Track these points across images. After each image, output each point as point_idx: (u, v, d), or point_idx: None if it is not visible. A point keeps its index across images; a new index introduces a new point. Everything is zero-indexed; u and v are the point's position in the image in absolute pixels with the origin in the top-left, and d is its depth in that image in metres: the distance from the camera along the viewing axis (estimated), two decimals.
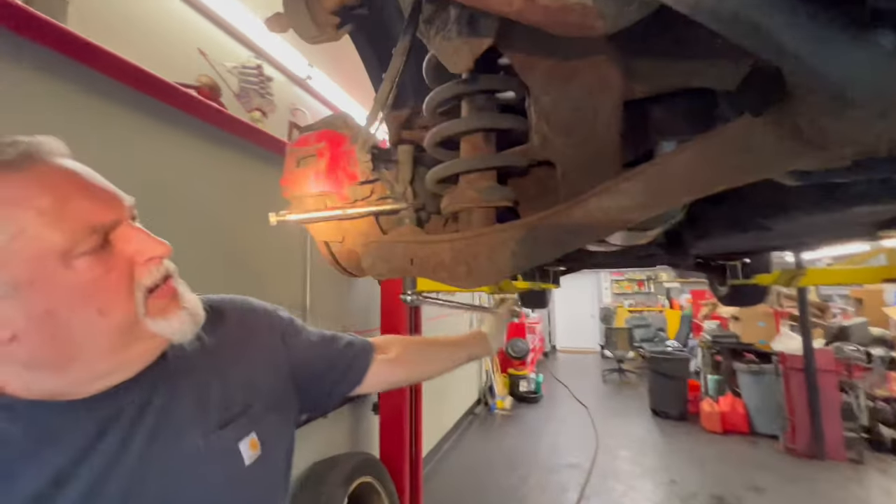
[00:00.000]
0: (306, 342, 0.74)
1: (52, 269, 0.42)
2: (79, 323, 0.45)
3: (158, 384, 0.54)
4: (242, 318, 0.69)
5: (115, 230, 0.48)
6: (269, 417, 0.63)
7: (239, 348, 0.65)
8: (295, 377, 0.70)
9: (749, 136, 0.45)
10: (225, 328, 0.65)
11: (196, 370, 0.59)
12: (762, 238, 1.29)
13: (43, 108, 1.17)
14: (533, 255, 0.57)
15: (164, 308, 0.51)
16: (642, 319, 8.82)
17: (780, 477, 3.56)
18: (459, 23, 0.47)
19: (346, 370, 0.77)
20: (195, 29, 1.79)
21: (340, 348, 0.78)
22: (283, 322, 0.74)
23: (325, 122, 0.72)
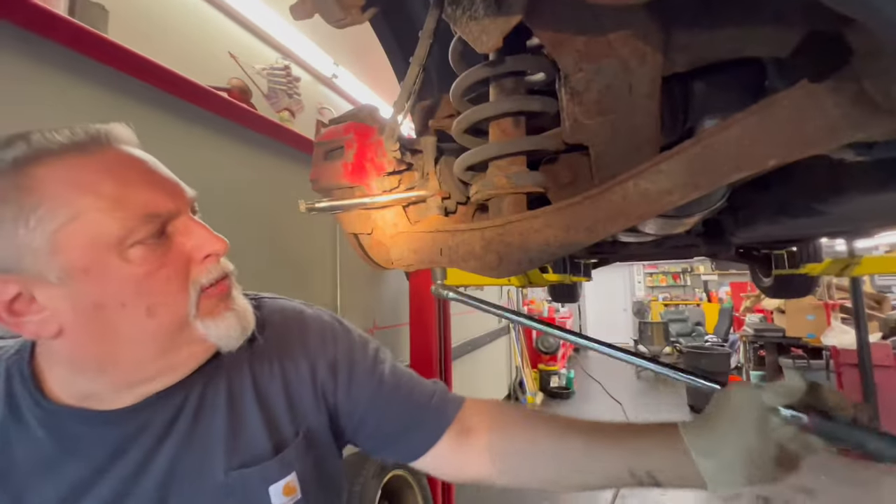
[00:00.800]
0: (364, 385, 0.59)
1: (107, 259, 0.40)
2: (127, 321, 0.42)
3: (191, 398, 0.50)
4: (290, 331, 0.59)
5: (175, 221, 0.46)
6: (317, 453, 0.55)
7: (284, 366, 0.56)
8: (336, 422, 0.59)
9: (807, 104, 0.41)
10: (269, 340, 0.57)
11: (235, 387, 0.52)
12: (813, 224, 1.21)
13: (91, 115, 1.23)
14: (567, 242, 0.55)
15: (213, 308, 0.48)
16: (678, 313, 8.52)
17: (832, 479, 3.35)
18: (486, 1, 0.46)
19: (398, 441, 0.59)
20: (226, 33, 1.84)
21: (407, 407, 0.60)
22: (340, 345, 0.60)
23: (352, 115, 0.72)
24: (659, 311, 9.04)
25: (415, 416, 0.59)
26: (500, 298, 5.67)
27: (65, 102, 1.17)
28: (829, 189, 0.84)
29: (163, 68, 1.32)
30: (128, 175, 0.43)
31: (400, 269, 0.73)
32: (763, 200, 1.07)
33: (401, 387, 0.61)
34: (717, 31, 0.48)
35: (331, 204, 0.64)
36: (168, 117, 1.45)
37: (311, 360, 0.57)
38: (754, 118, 0.44)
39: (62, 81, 1.17)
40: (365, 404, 0.58)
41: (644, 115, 0.54)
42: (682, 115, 0.64)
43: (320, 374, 0.57)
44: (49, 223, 0.39)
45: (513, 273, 0.58)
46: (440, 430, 0.59)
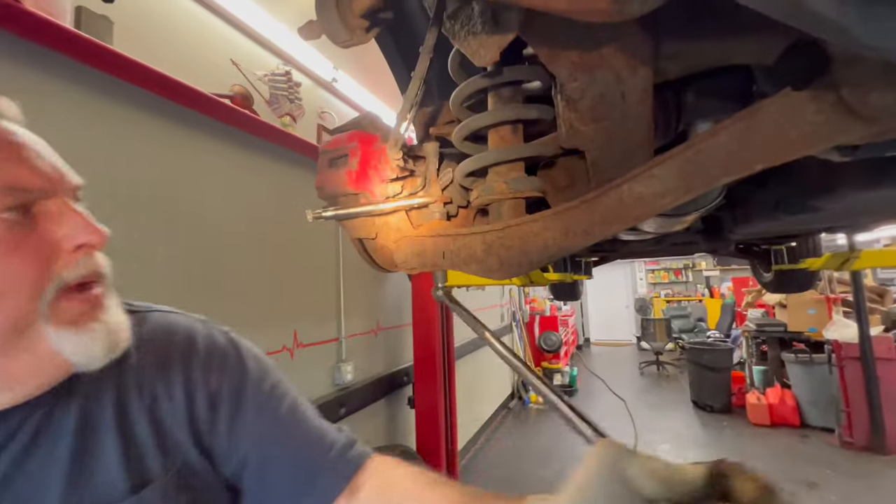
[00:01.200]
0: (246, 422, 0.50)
1: None
2: None
3: (28, 422, 0.41)
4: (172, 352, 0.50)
5: (45, 203, 0.40)
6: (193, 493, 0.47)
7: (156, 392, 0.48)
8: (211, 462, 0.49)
9: (790, 111, 0.43)
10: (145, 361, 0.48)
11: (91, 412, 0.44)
12: (811, 220, 1.23)
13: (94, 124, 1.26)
14: (566, 244, 0.57)
15: (76, 317, 0.40)
16: (681, 309, 8.53)
17: (836, 472, 3.36)
18: (484, 17, 0.48)
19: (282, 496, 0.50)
20: (228, 41, 1.87)
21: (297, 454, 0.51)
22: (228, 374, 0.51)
23: (355, 123, 0.74)
24: (661, 308, 9.04)
25: (305, 472, 0.50)
26: (502, 298, 5.69)
27: (72, 113, 1.19)
28: (822, 187, 0.87)
29: (167, 77, 1.35)
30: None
31: (403, 272, 0.75)
32: (760, 197, 1.09)
33: (294, 434, 0.52)
34: (705, 41, 0.50)
35: (336, 213, 0.66)
36: (172, 125, 1.47)
37: (189, 389, 0.49)
38: (741, 124, 0.46)
39: (73, 94, 1.19)
40: (248, 447, 0.49)
41: (637, 120, 0.56)
42: (675, 118, 0.66)
43: (198, 406, 0.49)
44: None
45: (513, 275, 0.60)
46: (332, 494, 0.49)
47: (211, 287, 1.53)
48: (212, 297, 1.53)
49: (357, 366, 2.30)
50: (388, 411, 2.69)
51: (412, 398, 2.76)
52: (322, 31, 0.51)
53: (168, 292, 1.38)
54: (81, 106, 1.21)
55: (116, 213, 1.26)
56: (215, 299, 1.54)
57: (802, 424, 4.30)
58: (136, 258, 1.30)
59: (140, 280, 1.30)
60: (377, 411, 2.57)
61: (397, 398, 2.78)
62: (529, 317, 6.77)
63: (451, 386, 2.86)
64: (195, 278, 1.47)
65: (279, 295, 1.87)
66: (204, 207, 1.54)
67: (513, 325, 5.90)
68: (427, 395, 2.70)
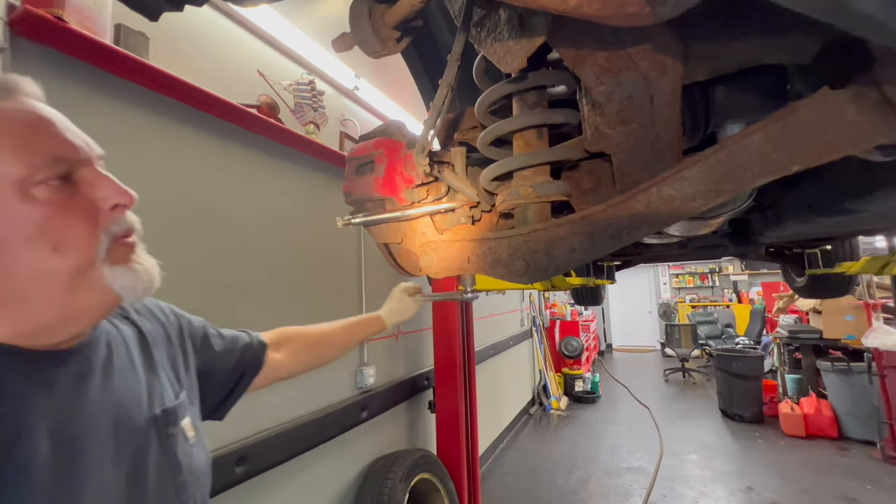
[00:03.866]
0: (210, 347, 0.75)
1: (10, 195, 0.41)
2: (30, 257, 0.42)
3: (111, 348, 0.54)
4: (155, 312, 0.69)
5: (81, 170, 0.46)
6: (192, 410, 0.65)
7: (161, 339, 0.66)
8: (199, 379, 0.71)
9: (829, 111, 0.42)
10: (146, 318, 0.66)
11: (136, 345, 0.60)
12: (847, 222, 1.18)
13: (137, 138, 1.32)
14: (592, 248, 0.57)
15: (123, 257, 0.48)
16: (707, 315, 8.27)
17: (878, 487, 3.19)
18: (510, 24, 0.48)
19: (242, 375, 0.79)
20: (255, 52, 1.93)
21: (239, 351, 0.79)
22: (190, 324, 0.74)
23: (381, 131, 0.75)
24: (686, 313, 8.79)
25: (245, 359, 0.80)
26: (522, 302, 5.64)
27: (114, 126, 1.26)
28: (859, 187, 0.83)
29: (200, 89, 1.40)
30: (35, 121, 0.45)
31: (429, 275, 0.76)
32: (792, 199, 1.05)
33: (235, 341, 0.80)
34: (737, 41, 0.49)
35: (365, 219, 0.68)
36: (204, 134, 1.53)
37: (176, 337, 0.69)
38: (776, 125, 0.45)
39: (117, 106, 1.26)
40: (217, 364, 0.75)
41: (665, 123, 0.55)
42: (704, 120, 0.65)
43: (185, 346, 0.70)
44: None
45: (539, 279, 0.60)
46: (262, 361, 0.82)
47: (237, 290, 1.58)
48: (238, 299, 1.57)
49: (378, 369, 2.32)
50: (408, 415, 2.70)
51: (433, 402, 2.76)
52: (355, 42, 0.53)
53: (195, 294, 1.42)
54: (123, 118, 1.28)
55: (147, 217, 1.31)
56: (242, 302, 1.59)
57: (840, 436, 4.10)
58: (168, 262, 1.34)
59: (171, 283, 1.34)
60: (398, 415, 2.58)
61: (418, 402, 2.78)
62: (550, 322, 6.69)
63: (471, 390, 2.85)
64: (221, 281, 1.52)
65: (303, 298, 1.90)
66: (232, 213, 1.59)
67: (533, 330, 5.84)
68: (447, 399, 2.70)
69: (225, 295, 1.52)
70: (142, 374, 0.58)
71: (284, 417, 1.71)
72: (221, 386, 0.77)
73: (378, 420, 2.31)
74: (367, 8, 0.53)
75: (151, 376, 0.59)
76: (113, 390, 0.52)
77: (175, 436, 0.57)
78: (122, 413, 0.52)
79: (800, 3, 0.24)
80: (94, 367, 0.51)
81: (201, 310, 1.25)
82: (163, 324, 0.68)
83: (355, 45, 0.53)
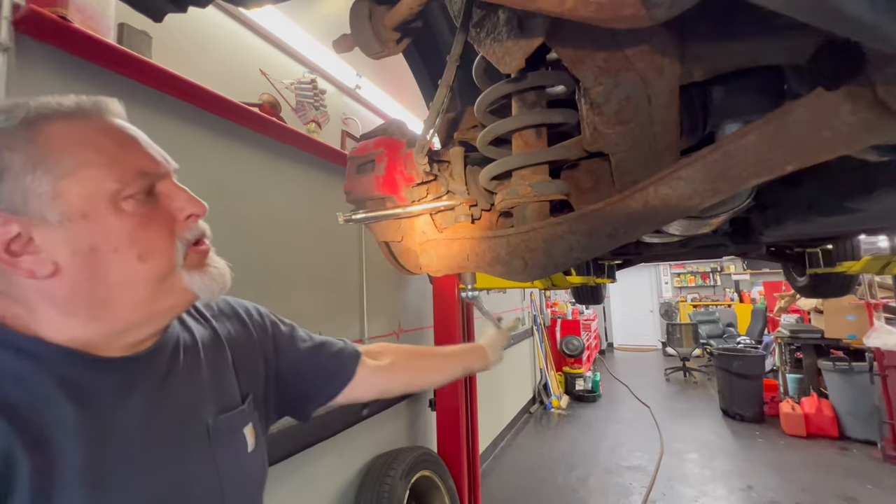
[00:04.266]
0: (296, 349, 0.76)
1: (103, 207, 0.45)
2: (118, 265, 0.46)
3: (177, 351, 0.57)
4: (239, 314, 0.72)
5: (161, 183, 0.51)
6: (258, 413, 0.66)
7: (239, 340, 0.67)
8: (279, 380, 0.72)
9: (824, 111, 0.43)
10: (227, 319, 0.69)
11: (207, 348, 0.61)
12: (848, 221, 1.18)
13: None
14: (590, 247, 0.57)
15: (199, 263, 0.53)
16: (708, 314, 8.26)
17: (878, 487, 3.19)
18: (509, 25, 0.49)
19: (331, 378, 0.78)
20: (257, 51, 1.94)
21: (329, 355, 0.78)
22: (275, 324, 0.76)
23: (382, 130, 0.76)
24: (688, 313, 8.79)
25: (335, 362, 0.79)
26: (523, 301, 5.65)
27: None
28: (859, 187, 0.83)
29: (202, 88, 1.41)
30: (124, 139, 0.49)
31: (429, 274, 0.77)
32: (793, 198, 1.06)
33: (325, 345, 0.79)
34: (733, 42, 0.50)
35: (366, 215, 0.68)
36: (207, 133, 1.54)
37: (258, 338, 0.71)
38: (772, 125, 0.46)
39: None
40: (300, 363, 0.75)
41: (663, 123, 0.56)
42: (702, 120, 0.65)
43: (266, 347, 0.71)
44: (54, 171, 0.44)
45: (538, 277, 0.60)
46: (355, 366, 0.80)
47: (240, 287, 1.58)
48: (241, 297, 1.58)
49: None
50: (409, 413, 2.71)
51: (433, 401, 2.77)
52: (355, 43, 0.53)
53: None
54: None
55: None
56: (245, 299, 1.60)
57: (841, 436, 4.10)
58: None
59: None
60: (399, 412, 2.59)
61: (419, 400, 2.79)
62: (551, 321, 6.69)
63: (472, 389, 2.86)
64: None
65: (305, 296, 1.91)
66: (233, 211, 1.60)
67: (534, 328, 5.85)
68: (448, 397, 2.71)
69: None
70: (206, 379, 0.59)
71: None
72: (306, 388, 0.76)
73: (379, 417, 2.32)
74: (367, 9, 0.53)
75: (218, 379, 0.61)
76: (168, 396, 0.53)
77: (231, 443, 0.58)
78: (173, 419, 0.53)
79: (787, 6, 0.24)
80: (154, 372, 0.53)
81: None
82: (245, 324, 0.70)
83: (356, 47, 0.53)
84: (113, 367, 0.49)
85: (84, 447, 0.44)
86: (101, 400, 0.47)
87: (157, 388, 0.52)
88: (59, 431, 0.43)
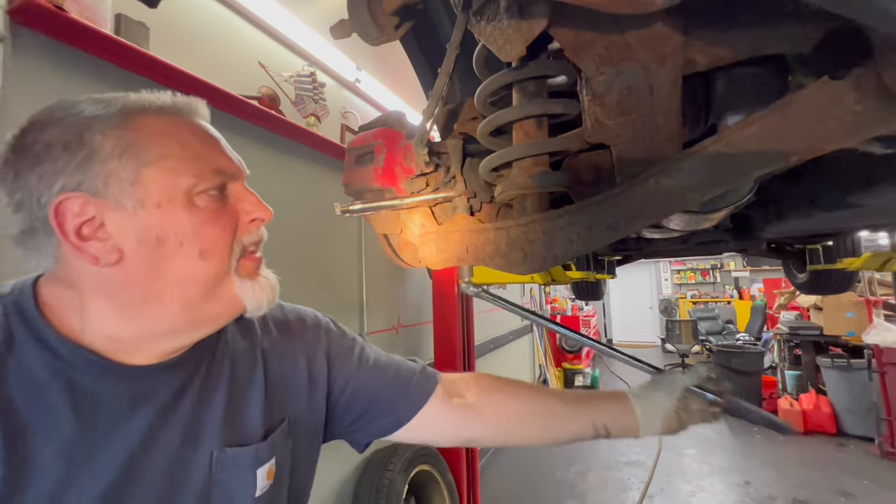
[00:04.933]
0: (353, 367, 0.66)
1: (178, 201, 0.45)
2: (180, 260, 0.45)
3: (200, 370, 0.52)
4: (290, 323, 0.65)
5: (233, 184, 0.51)
6: (292, 441, 0.59)
7: (283, 354, 0.61)
8: (330, 400, 0.64)
9: (829, 101, 0.42)
10: (275, 329, 0.63)
11: (239, 366, 0.56)
12: (849, 217, 1.17)
13: None
14: (590, 239, 0.57)
15: (251, 271, 0.52)
16: (708, 311, 8.27)
17: (875, 482, 3.20)
18: (510, 12, 0.48)
19: (391, 407, 0.66)
20: (256, 43, 1.92)
21: (391, 378, 0.67)
22: (334, 337, 0.68)
23: (381, 121, 0.75)
24: (687, 309, 8.80)
25: (401, 385, 0.67)
26: (523, 297, 5.65)
27: None
28: (861, 181, 0.83)
29: (200, 80, 1.40)
30: (207, 138, 0.50)
31: (428, 266, 0.76)
32: (794, 193, 1.05)
33: (387, 364, 0.69)
34: (737, 31, 0.49)
35: (364, 206, 0.68)
36: None
37: (308, 352, 0.64)
38: (775, 115, 0.45)
39: None
40: (357, 380, 0.66)
41: (665, 114, 0.55)
42: (705, 111, 0.64)
43: (317, 363, 0.64)
44: (140, 158, 0.44)
45: (538, 269, 0.60)
46: (426, 394, 0.67)
47: None
48: None
49: None
50: None
51: None
52: (353, 29, 0.52)
53: None
54: None
55: None
56: None
57: (839, 432, 4.11)
58: None
59: None
60: None
61: None
62: (550, 316, 6.70)
63: None
64: None
65: (304, 291, 1.91)
66: None
67: (533, 324, 5.86)
68: None
69: None
70: (223, 401, 0.53)
71: None
72: (360, 414, 0.66)
73: None
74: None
75: (238, 404, 0.54)
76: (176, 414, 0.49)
77: (232, 482, 0.51)
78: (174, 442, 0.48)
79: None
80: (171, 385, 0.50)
81: None
82: (293, 335, 0.64)
83: (354, 33, 0.53)
84: (132, 376, 0.47)
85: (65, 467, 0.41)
86: (107, 414, 0.44)
87: (170, 404, 0.49)
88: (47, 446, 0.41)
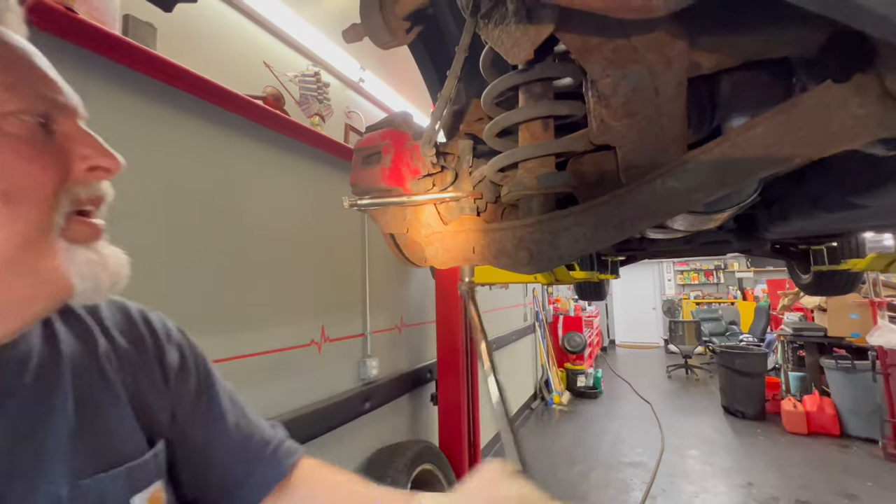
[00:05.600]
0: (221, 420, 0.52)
1: None
2: None
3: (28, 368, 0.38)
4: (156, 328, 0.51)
5: (64, 121, 0.38)
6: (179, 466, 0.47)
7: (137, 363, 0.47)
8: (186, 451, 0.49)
9: (832, 104, 0.43)
10: (125, 333, 0.48)
11: (86, 371, 0.42)
12: (853, 218, 1.17)
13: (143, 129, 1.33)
14: (596, 239, 0.57)
15: (88, 237, 0.38)
16: (711, 312, 8.25)
17: (878, 484, 3.19)
18: (518, 15, 0.49)
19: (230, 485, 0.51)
20: (260, 44, 1.94)
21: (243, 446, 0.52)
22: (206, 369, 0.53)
23: (388, 122, 0.76)
24: (690, 310, 8.78)
25: (244, 463, 0.52)
26: (526, 297, 5.65)
27: (122, 116, 1.27)
28: (866, 183, 0.83)
29: (206, 80, 1.41)
30: (16, 48, 0.37)
31: (434, 266, 0.77)
32: (797, 194, 1.05)
33: (241, 425, 0.54)
34: (742, 34, 0.50)
35: (372, 200, 0.69)
36: (210, 125, 1.54)
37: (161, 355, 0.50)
38: (780, 117, 0.46)
39: (125, 97, 1.27)
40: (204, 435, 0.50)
41: (670, 115, 0.56)
42: (710, 113, 0.65)
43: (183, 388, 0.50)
44: None
45: (543, 269, 0.61)
46: (267, 487, 0.52)
47: (243, 282, 1.60)
48: (244, 291, 1.59)
49: (382, 361, 2.35)
50: (411, 407, 2.73)
51: (435, 395, 2.78)
52: (365, 33, 0.53)
53: (201, 287, 1.44)
54: (131, 108, 1.29)
55: (155, 207, 1.33)
56: (248, 294, 1.61)
57: (843, 434, 4.10)
58: (172, 252, 1.36)
59: (174, 275, 1.37)
60: (401, 407, 2.61)
61: (421, 394, 2.81)
62: (553, 317, 6.69)
63: (473, 384, 2.87)
64: (227, 274, 1.54)
65: (308, 290, 1.92)
66: (236, 205, 1.61)
67: (536, 325, 5.86)
68: (450, 392, 2.72)
69: (227, 286, 1.54)
70: (68, 420, 0.38)
71: (287, 408, 1.73)
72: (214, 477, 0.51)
73: (381, 411, 2.33)
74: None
75: (92, 418, 0.40)
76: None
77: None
78: None
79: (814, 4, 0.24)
80: None
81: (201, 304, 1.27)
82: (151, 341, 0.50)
83: (365, 36, 0.54)
84: None
85: None
86: None
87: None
88: None
